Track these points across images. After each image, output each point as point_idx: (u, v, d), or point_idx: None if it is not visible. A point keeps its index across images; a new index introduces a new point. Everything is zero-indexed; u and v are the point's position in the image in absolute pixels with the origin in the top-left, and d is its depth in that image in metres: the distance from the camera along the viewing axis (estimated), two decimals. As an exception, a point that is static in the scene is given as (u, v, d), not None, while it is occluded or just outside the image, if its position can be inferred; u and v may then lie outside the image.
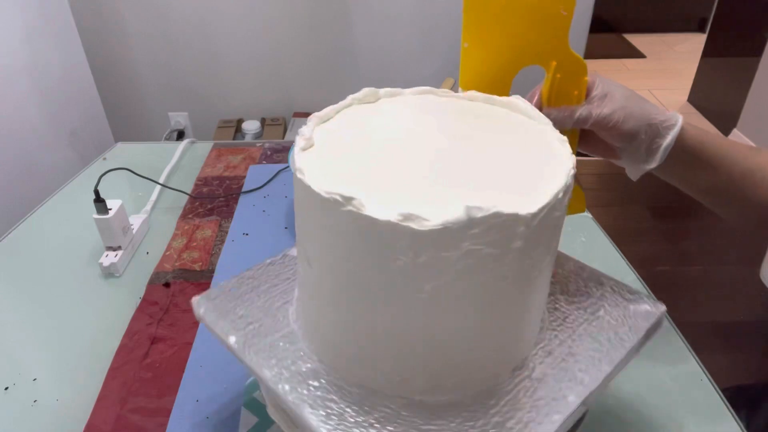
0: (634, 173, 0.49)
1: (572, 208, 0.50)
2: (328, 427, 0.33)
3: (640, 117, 0.45)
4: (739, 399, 0.56)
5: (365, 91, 0.43)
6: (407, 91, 0.45)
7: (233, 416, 0.50)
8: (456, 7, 1.77)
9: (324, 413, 0.34)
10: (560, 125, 0.44)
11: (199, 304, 0.43)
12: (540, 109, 0.44)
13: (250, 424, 0.49)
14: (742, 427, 0.49)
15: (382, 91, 0.44)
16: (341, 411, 0.35)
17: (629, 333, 0.40)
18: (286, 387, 0.36)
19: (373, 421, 0.34)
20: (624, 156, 0.48)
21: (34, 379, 0.55)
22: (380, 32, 1.87)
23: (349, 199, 0.30)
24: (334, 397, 0.36)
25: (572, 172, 0.34)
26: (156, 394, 0.53)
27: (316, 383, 0.37)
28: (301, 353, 0.39)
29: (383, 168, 0.35)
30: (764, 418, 0.62)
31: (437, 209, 0.29)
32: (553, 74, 0.45)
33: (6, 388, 0.54)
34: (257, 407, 0.51)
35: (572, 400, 0.35)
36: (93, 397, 0.53)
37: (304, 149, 0.36)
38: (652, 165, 0.47)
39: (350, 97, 0.43)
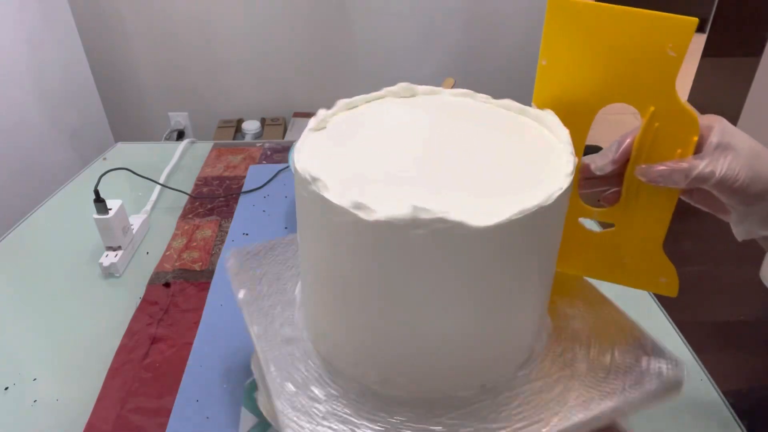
0: (742, 234, 0.41)
1: (659, 287, 0.43)
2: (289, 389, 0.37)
3: None
4: (742, 402, 0.56)
5: (401, 85, 0.43)
6: (446, 91, 0.44)
7: (233, 416, 0.50)
8: (456, 6, 1.76)
9: (287, 374, 0.38)
10: (667, 183, 0.37)
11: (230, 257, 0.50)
12: (628, 158, 0.38)
13: (250, 424, 0.49)
14: (742, 428, 0.49)
15: (420, 88, 0.44)
16: (305, 378, 0.38)
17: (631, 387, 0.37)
18: (264, 344, 0.40)
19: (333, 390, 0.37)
20: (735, 214, 0.40)
21: (34, 379, 0.55)
22: (380, 32, 1.87)
23: (315, 180, 0.31)
24: (306, 364, 0.39)
25: (562, 189, 0.32)
26: (156, 394, 0.53)
27: (292, 348, 0.40)
28: (291, 321, 0.42)
29: (378, 162, 0.35)
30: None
31: (407, 204, 0.29)
32: (649, 121, 0.37)
33: (6, 388, 0.54)
34: (257, 407, 0.51)
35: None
36: (93, 397, 0.53)
37: (316, 129, 0.38)
38: None
39: (385, 90, 0.43)
